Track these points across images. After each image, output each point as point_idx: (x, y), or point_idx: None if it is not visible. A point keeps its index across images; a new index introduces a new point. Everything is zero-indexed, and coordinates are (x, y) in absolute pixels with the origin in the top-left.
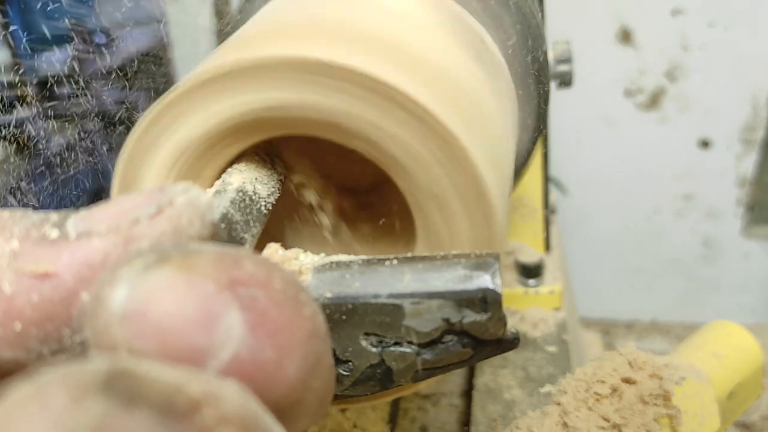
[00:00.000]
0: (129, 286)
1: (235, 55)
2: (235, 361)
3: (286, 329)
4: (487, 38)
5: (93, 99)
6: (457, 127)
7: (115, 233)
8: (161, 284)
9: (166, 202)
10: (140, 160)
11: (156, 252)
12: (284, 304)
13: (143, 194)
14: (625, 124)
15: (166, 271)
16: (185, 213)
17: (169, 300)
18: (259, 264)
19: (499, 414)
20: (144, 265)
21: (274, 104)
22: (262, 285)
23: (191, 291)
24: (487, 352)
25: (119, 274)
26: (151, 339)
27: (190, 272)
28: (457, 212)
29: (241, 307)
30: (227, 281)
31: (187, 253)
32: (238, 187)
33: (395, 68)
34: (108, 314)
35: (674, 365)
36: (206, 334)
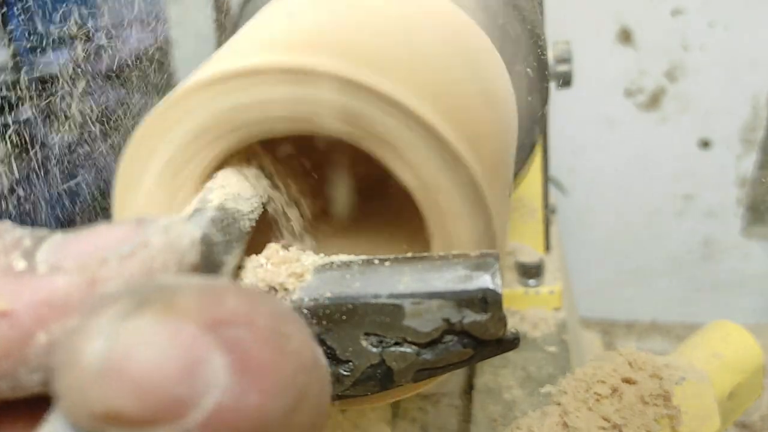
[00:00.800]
0: (106, 338)
1: (238, 58)
2: (217, 410)
3: (270, 370)
4: (486, 37)
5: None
6: (450, 130)
7: (82, 272)
8: (142, 335)
9: (141, 242)
10: (141, 161)
11: (134, 296)
12: (269, 341)
13: (122, 228)
14: (625, 124)
15: (147, 319)
16: (160, 256)
17: (151, 353)
18: (243, 298)
19: (500, 414)
20: (122, 313)
21: (270, 102)
22: (246, 323)
23: (174, 339)
24: (488, 353)
25: (95, 323)
26: (129, 397)
27: (172, 316)
28: (456, 212)
29: (224, 350)
30: (210, 322)
31: (167, 294)
32: (219, 205)
33: (385, 72)
34: (82, 370)
35: (674, 365)
36: (189, 385)
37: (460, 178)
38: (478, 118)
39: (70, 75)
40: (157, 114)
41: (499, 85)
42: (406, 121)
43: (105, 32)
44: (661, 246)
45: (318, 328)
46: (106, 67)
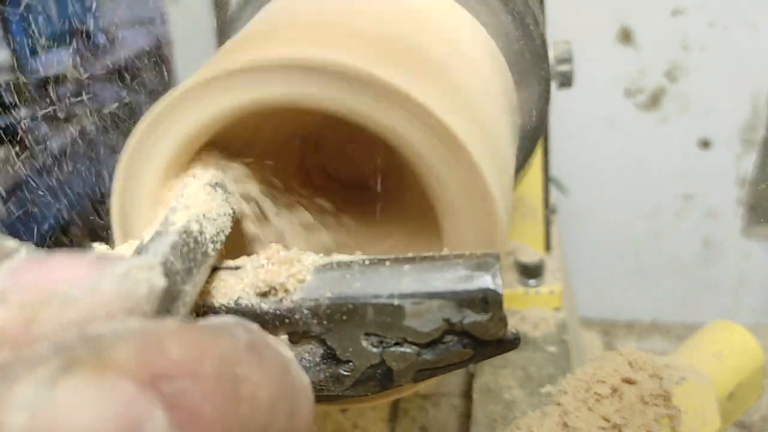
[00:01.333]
0: (29, 407)
1: (243, 55)
2: None
3: (219, 423)
4: (488, 36)
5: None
6: (458, 125)
7: (22, 309)
8: (70, 399)
9: (90, 288)
10: (141, 159)
11: (61, 354)
12: (216, 392)
13: (81, 266)
14: (626, 124)
15: (76, 380)
16: (109, 304)
17: (82, 418)
18: (186, 346)
19: (500, 414)
20: (47, 377)
21: (280, 99)
22: (190, 374)
23: (108, 400)
24: (488, 353)
25: (17, 391)
26: None
27: (105, 375)
28: (460, 211)
29: (166, 407)
30: (150, 377)
31: (99, 348)
32: (182, 228)
33: (394, 67)
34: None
35: (674, 365)
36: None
37: (469, 177)
38: (483, 118)
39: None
40: (157, 113)
41: (501, 85)
42: (414, 117)
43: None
44: (662, 246)
45: (318, 329)
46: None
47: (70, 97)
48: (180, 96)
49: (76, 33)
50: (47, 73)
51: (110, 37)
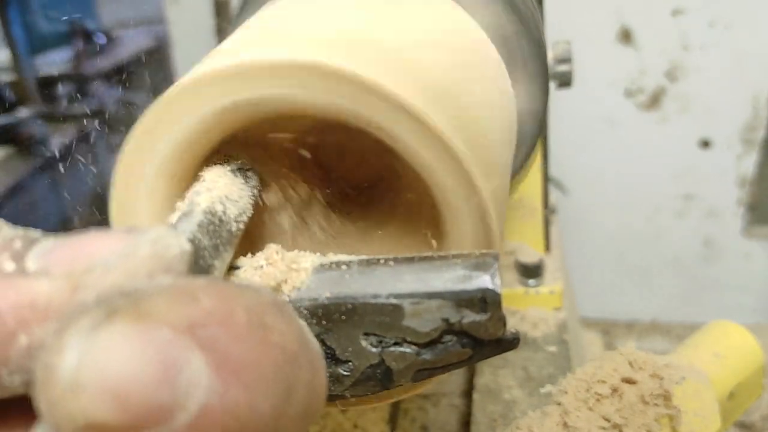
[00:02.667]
0: (77, 351)
1: (237, 56)
2: (204, 411)
3: (253, 365)
4: (485, 36)
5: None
6: (446, 127)
7: (66, 278)
8: (113, 343)
9: (127, 252)
10: (140, 158)
11: (102, 305)
12: (248, 337)
13: (111, 237)
14: (626, 124)
15: (117, 327)
16: (145, 266)
17: (124, 359)
18: (217, 297)
19: (500, 414)
20: (91, 324)
21: (275, 99)
22: (222, 322)
23: (147, 344)
24: (487, 352)
25: (65, 338)
26: (107, 406)
27: (143, 322)
28: (455, 211)
29: (202, 350)
30: (185, 324)
31: (137, 300)
32: (207, 208)
33: (379, 67)
34: (59, 386)
35: (675, 365)
36: (169, 389)
37: (459, 177)
38: (477, 118)
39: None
40: (155, 111)
41: (499, 85)
42: (408, 119)
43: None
44: (662, 246)
45: (317, 328)
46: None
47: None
48: (174, 95)
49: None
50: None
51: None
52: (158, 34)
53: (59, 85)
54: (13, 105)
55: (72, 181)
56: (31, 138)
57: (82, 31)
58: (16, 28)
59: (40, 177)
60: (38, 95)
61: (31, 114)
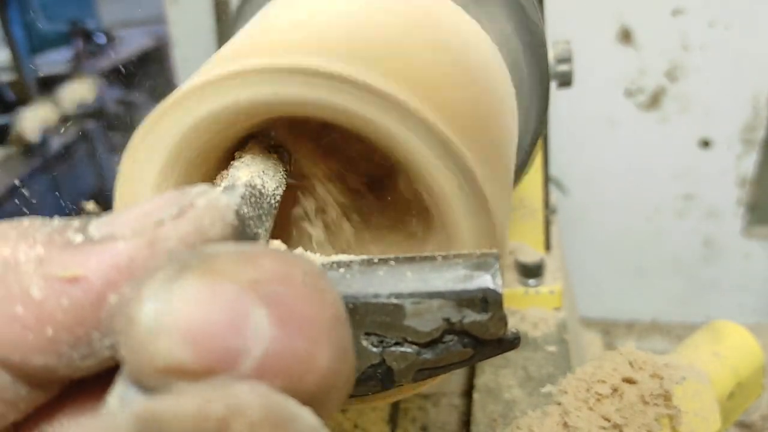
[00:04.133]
0: (155, 301)
1: (235, 59)
2: (267, 357)
3: (312, 319)
4: (486, 37)
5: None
6: (452, 128)
7: (140, 236)
8: (186, 294)
9: (187, 204)
10: (142, 161)
11: (175, 262)
12: (307, 295)
13: (163, 198)
14: (626, 124)
15: (189, 281)
16: (206, 214)
17: (196, 309)
18: (277, 259)
19: (500, 414)
20: (166, 278)
21: (274, 98)
22: (282, 280)
23: (216, 296)
24: (488, 352)
25: (143, 290)
26: (185, 350)
27: (212, 277)
28: (457, 212)
29: (266, 305)
30: (249, 281)
31: (206, 258)
32: (247, 182)
33: (386, 73)
34: (140, 332)
35: (675, 365)
36: (237, 336)
37: (463, 178)
38: (479, 118)
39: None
40: (158, 114)
41: (500, 85)
42: (408, 122)
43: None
44: (662, 246)
45: None
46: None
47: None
48: (175, 100)
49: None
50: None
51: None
52: (158, 34)
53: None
54: (13, 105)
55: (72, 180)
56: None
57: (82, 31)
58: (16, 28)
59: (40, 177)
60: (38, 95)
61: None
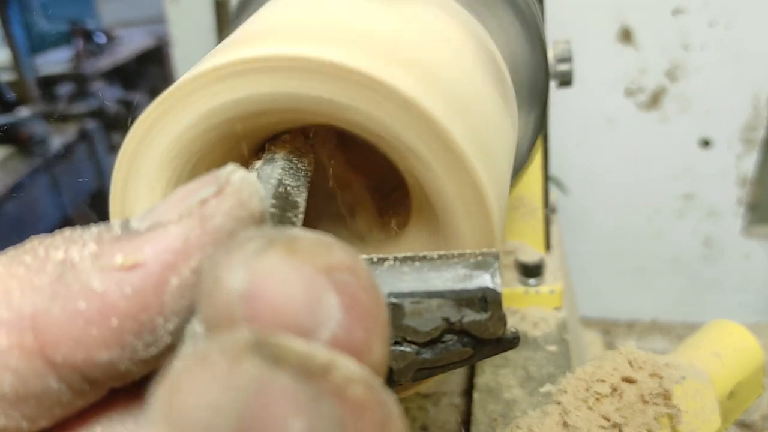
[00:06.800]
0: (245, 268)
1: (234, 53)
2: (333, 340)
3: (371, 312)
4: (486, 36)
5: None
6: (450, 122)
7: (188, 217)
8: (273, 267)
9: (224, 181)
10: (139, 156)
11: (263, 236)
12: (369, 289)
13: (197, 181)
14: (626, 124)
15: (275, 255)
16: (245, 188)
17: (281, 282)
18: (346, 252)
19: (500, 413)
20: (256, 249)
21: (272, 95)
22: (351, 271)
23: (297, 274)
24: (487, 352)
25: (236, 257)
26: (266, 317)
27: (295, 256)
28: (456, 210)
29: (336, 291)
30: (324, 266)
31: (290, 237)
32: (284, 156)
33: (387, 64)
34: (228, 294)
35: (675, 365)
36: (311, 314)
37: (463, 177)
38: (480, 116)
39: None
40: (155, 109)
41: (498, 82)
42: (411, 118)
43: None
44: (662, 245)
45: None
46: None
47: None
48: (173, 94)
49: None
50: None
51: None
52: (158, 33)
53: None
54: (13, 105)
55: (72, 180)
56: (31, 138)
57: (82, 31)
58: (16, 27)
59: (40, 177)
60: (38, 95)
61: (31, 114)
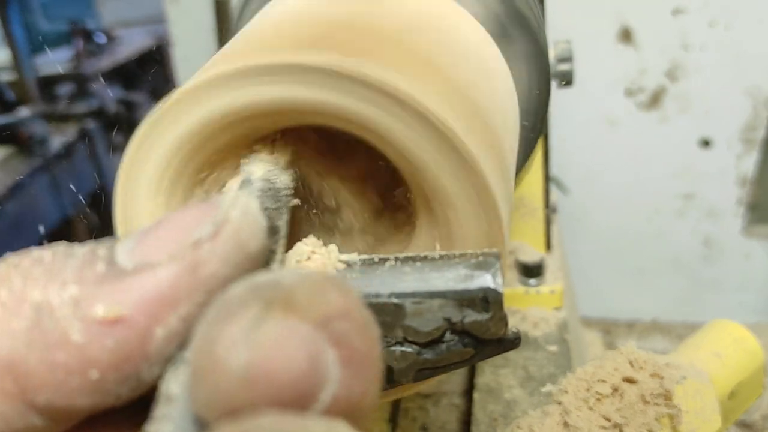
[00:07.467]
0: (245, 345)
1: (236, 58)
2: (333, 402)
3: (367, 359)
4: (488, 36)
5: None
6: (462, 129)
7: (180, 260)
8: (274, 339)
9: (221, 219)
10: (143, 161)
11: (259, 298)
12: (364, 331)
13: (193, 211)
14: (626, 124)
15: (275, 323)
16: (244, 227)
17: (283, 356)
18: (340, 292)
19: (500, 413)
20: (254, 319)
21: (276, 99)
22: (346, 316)
23: (298, 339)
24: (488, 352)
25: (232, 330)
26: (269, 395)
27: (293, 315)
28: (462, 211)
29: (335, 344)
30: (322, 318)
31: (286, 292)
32: (263, 176)
33: (397, 70)
34: (228, 377)
35: (675, 365)
36: (313, 381)
37: (471, 178)
38: (485, 118)
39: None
40: (159, 114)
41: (502, 84)
42: (415, 120)
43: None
44: (662, 245)
45: None
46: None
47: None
48: (176, 99)
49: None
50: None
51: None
52: (158, 33)
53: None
54: (13, 105)
55: (72, 180)
56: (31, 138)
57: (82, 31)
58: (16, 27)
59: (40, 177)
60: (38, 95)
61: (31, 114)
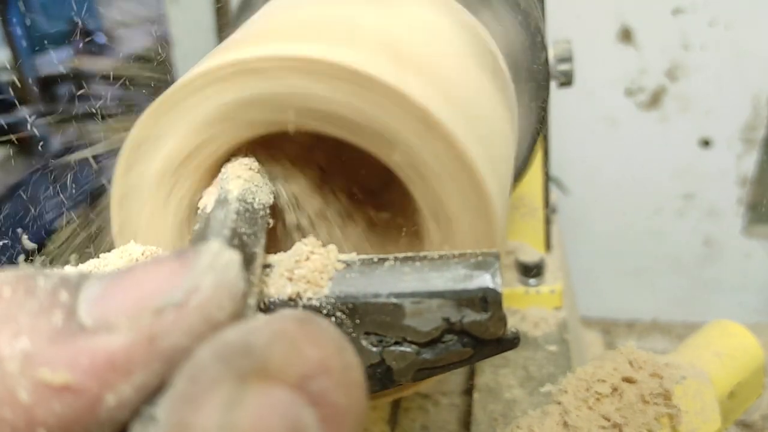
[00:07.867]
0: (224, 429)
1: (239, 52)
2: None
3: (348, 410)
4: (488, 36)
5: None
6: (457, 127)
7: (138, 329)
8: (252, 419)
9: (191, 285)
10: (140, 157)
11: (229, 370)
12: (343, 383)
13: (163, 270)
14: (626, 124)
15: (252, 398)
16: (215, 298)
17: (264, 427)
18: (316, 342)
19: (500, 413)
20: (230, 398)
21: (274, 93)
22: (324, 371)
23: (278, 411)
24: (488, 352)
25: (207, 415)
26: None
27: (269, 383)
28: (458, 211)
29: (314, 404)
30: (298, 379)
31: (259, 359)
32: (239, 196)
33: (391, 66)
34: None
35: (675, 364)
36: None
37: (466, 178)
38: (483, 117)
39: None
40: (155, 110)
41: (502, 84)
42: (414, 120)
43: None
44: (662, 245)
45: None
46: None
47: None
48: (175, 92)
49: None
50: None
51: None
52: (158, 33)
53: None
54: (13, 105)
55: (72, 180)
56: (31, 138)
57: (82, 31)
58: (16, 27)
59: (40, 177)
60: (38, 95)
61: (31, 114)
